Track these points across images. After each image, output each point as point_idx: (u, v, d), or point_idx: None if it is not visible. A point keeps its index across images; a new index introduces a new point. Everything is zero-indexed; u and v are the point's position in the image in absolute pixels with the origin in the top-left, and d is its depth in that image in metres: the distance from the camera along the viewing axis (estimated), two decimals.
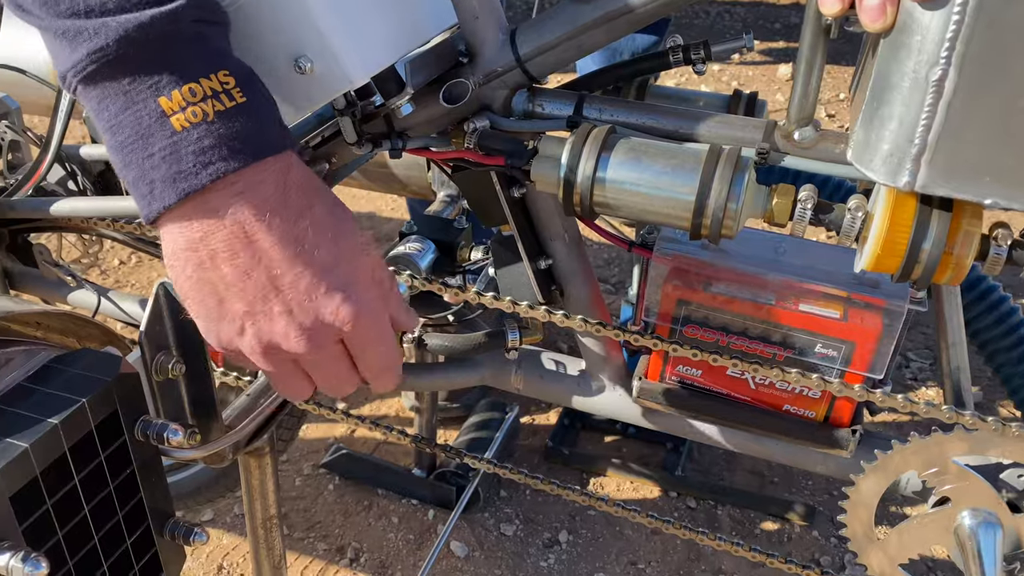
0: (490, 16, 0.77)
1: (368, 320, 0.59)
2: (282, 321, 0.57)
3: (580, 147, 0.71)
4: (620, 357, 0.93)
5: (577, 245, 0.88)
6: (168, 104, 0.53)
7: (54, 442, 0.55)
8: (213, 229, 0.56)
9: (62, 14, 0.52)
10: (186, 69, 0.53)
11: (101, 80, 0.53)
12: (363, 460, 1.46)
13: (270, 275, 0.57)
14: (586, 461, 1.50)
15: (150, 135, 0.53)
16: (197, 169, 0.54)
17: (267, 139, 0.56)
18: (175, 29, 0.53)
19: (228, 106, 0.54)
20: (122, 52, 0.52)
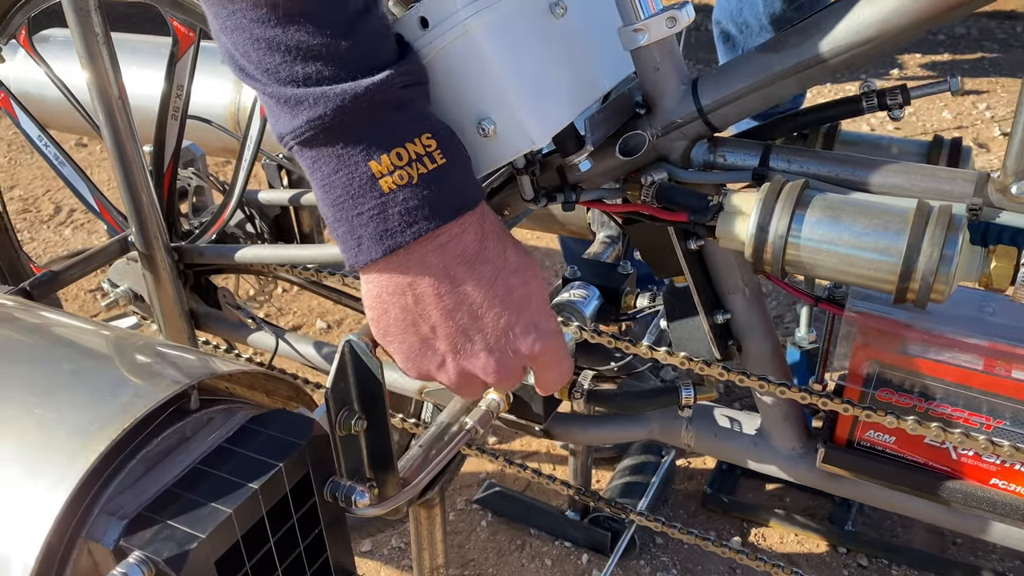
0: (671, 67, 0.75)
1: (554, 348, 0.65)
2: (482, 356, 0.63)
3: (772, 203, 0.68)
4: (801, 417, 0.88)
5: (757, 299, 0.84)
6: (377, 167, 0.56)
7: (254, 507, 0.57)
8: (419, 277, 0.60)
9: (283, 81, 0.55)
10: (394, 134, 0.57)
11: (317, 144, 0.57)
12: (516, 499, 1.45)
13: (472, 315, 0.61)
14: (746, 510, 1.43)
15: (360, 196, 0.57)
16: (402, 228, 0.57)
17: (464, 196, 0.59)
18: (385, 97, 0.56)
19: (430, 168, 0.57)
20: (338, 120, 0.55)
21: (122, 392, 0.59)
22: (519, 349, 0.63)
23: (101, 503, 0.56)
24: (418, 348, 0.64)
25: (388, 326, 0.63)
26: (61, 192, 2.80)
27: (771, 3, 1.51)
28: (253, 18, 0.54)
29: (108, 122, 0.93)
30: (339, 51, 0.55)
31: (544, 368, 0.66)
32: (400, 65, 0.57)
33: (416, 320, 0.62)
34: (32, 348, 0.66)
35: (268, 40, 0.54)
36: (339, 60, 0.55)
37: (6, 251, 1.35)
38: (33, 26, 1.16)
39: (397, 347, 0.65)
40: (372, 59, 0.56)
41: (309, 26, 0.54)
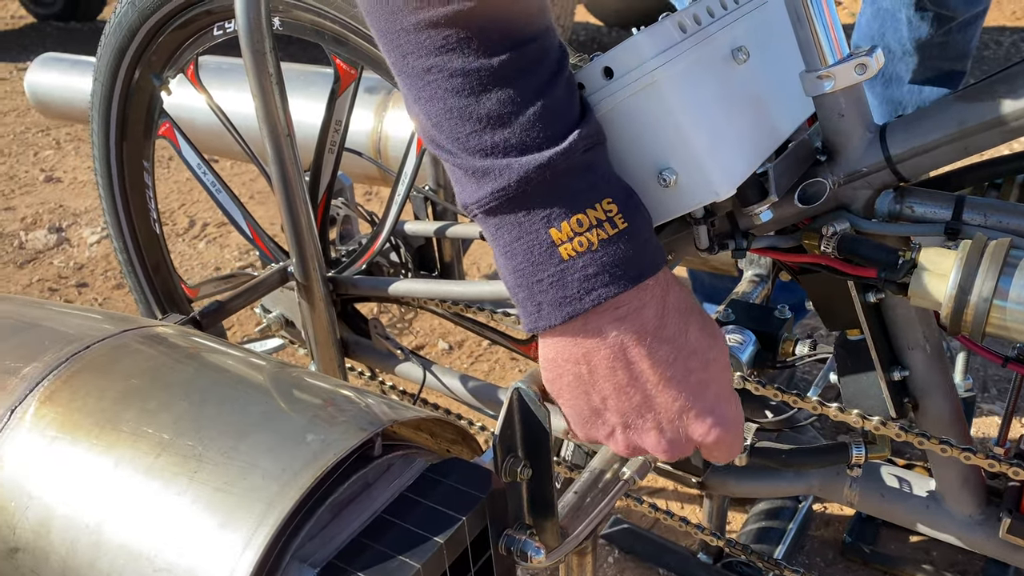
0: (856, 113, 0.72)
1: (730, 436, 0.63)
2: (652, 435, 0.62)
3: (975, 263, 0.64)
4: (981, 482, 0.83)
5: (939, 357, 0.79)
6: (557, 235, 0.56)
7: (439, 561, 0.57)
8: (595, 348, 0.59)
9: (472, 151, 0.56)
10: (575, 201, 0.56)
11: (500, 212, 0.57)
12: (645, 537, 1.42)
13: (645, 395, 0.60)
14: (889, 562, 1.36)
15: (540, 263, 0.57)
16: (581, 295, 0.57)
17: (645, 262, 0.58)
18: (568, 164, 0.56)
19: (611, 234, 0.56)
20: (522, 190, 0.55)
21: (311, 438, 0.60)
22: (692, 434, 0.61)
23: (292, 549, 0.57)
24: (588, 415, 0.63)
25: (561, 389, 0.63)
26: (195, 206, 2.93)
27: (917, 27, 1.44)
28: (448, 88, 0.54)
29: (276, 157, 0.96)
30: (529, 119, 0.55)
31: (714, 449, 0.64)
32: (582, 128, 0.57)
33: (588, 390, 0.61)
34: (220, 387, 0.68)
35: (461, 109, 0.55)
36: (528, 128, 0.55)
37: (164, 278, 1.42)
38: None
39: (568, 412, 0.65)
40: (558, 125, 0.56)
41: (501, 94, 0.54)
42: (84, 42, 5.32)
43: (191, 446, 0.61)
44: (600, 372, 0.60)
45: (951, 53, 1.47)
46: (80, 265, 2.58)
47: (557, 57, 0.57)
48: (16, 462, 0.67)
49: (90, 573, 0.60)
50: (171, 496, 0.59)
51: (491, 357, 2.02)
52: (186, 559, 0.56)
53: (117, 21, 1.18)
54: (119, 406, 0.66)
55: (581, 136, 0.56)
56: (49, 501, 0.63)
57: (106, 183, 1.35)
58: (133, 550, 0.58)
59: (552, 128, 0.55)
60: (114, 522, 0.60)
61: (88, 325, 0.79)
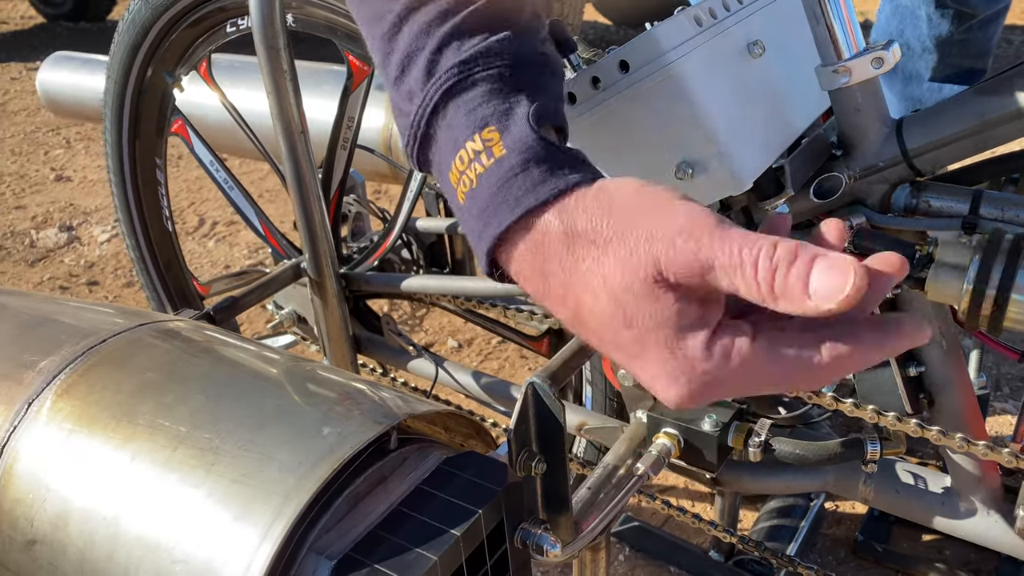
0: (873, 108, 0.72)
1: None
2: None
3: (992, 257, 0.64)
4: (997, 478, 0.82)
5: (955, 352, 0.79)
6: (452, 178, 0.50)
7: (455, 554, 0.57)
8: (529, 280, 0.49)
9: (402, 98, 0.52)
10: (458, 135, 0.49)
11: (427, 167, 0.53)
12: (656, 535, 1.42)
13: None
14: (901, 561, 1.35)
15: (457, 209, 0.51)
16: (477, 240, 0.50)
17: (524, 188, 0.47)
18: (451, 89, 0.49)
19: (487, 166, 0.48)
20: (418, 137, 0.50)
21: (327, 431, 0.60)
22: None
23: (309, 541, 0.57)
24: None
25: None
26: (205, 204, 2.94)
27: (938, 24, 1.43)
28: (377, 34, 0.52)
29: (290, 154, 0.96)
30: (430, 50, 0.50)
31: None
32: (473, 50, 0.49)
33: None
34: (236, 381, 0.68)
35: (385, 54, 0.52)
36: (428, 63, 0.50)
37: (176, 275, 1.42)
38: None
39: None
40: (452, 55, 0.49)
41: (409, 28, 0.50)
42: (94, 42, 5.33)
43: (208, 439, 0.61)
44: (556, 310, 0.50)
45: (971, 51, 1.46)
46: (91, 263, 2.59)
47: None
48: (33, 455, 0.67)
49: (108, 565, 0.60)
50: (188, 488, 0.59)
51: (501, 355, 2.02)
52: (204, 551, 0.57)
53: (131, 18, 1.18)
54: (136, 399, 0.67)
55: (471, 58, 0.49)
56: (66, 494, 0.64)
57: (119, 180, 1.36)
58: (151, 542, 0.59)
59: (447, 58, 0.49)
60: (132, 514, 0.60)
61: (103, 320, 0.80)
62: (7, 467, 0.68)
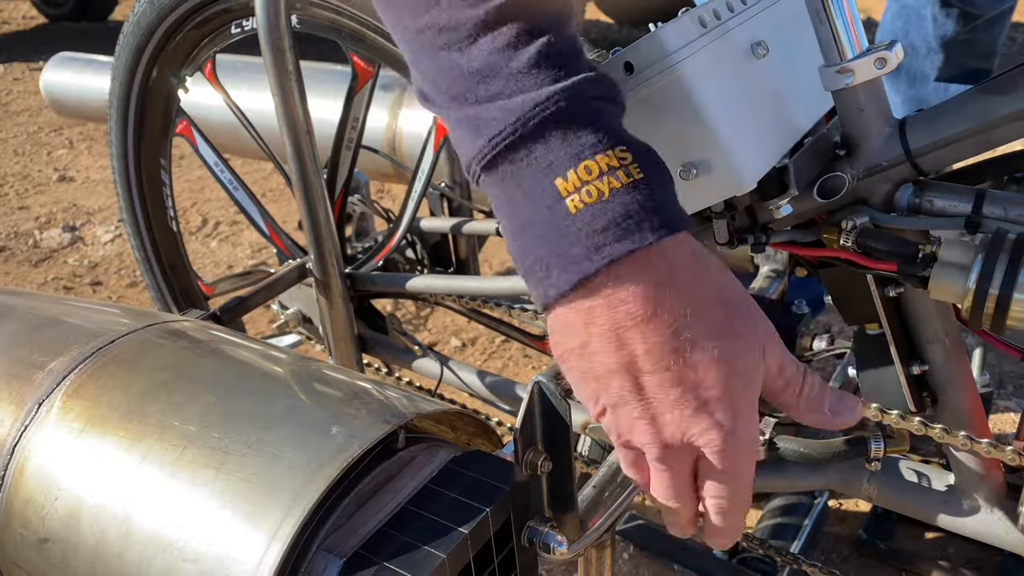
0: (875, 108, 0.72)
1: (732, 448, 0.52)
2: (641, 424, 0.53)
3: (996, 256, 0.64)
4: (1000, 476, 0.83)
5: (959, 351, 0.79)
6: (564, 185, 0.49)
7: (463, 551, 0.57)
8: (591, 323, 0.51)
9: (467, 103, 0.51)
10: (583, 146, 0.49)
11: (500, 164, 0.51)
12: (660, 533, 1.43)
13: (636, 383, 0.52)
14: (905, 559, 1.36)
15: (546, 219, 0.50)
16: (589, 253, 0.49)
17: (664, 217, 0.50)
18: (571, 105, 0.50)
19: (625, 183, 0.49)
20: (519, 133, 0.49)
21: (336, 430, 0.61)
22: (686, 432, 0.52)
23: (319, 539, 0.58)
24: (584, 395, 0.56)
25: (562, 358, 0.55)
26: (207, 205, 2.95)
27: (943, 24, 1.44)
28: (439, 45, 0.50)
29: (295, 154, 0.96)
30: (522, 65, 0.49)
31: (715, 475, 0.54)
32: (591, 75, 0.51)
33: (584, 368, 0.54)
34: (245, 381, 0.69)
35: (452, 65, 0.51)
36: (523, 73, 0.50)
37: (181, 276, 1.43)
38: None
39: (571, 379, 0.57)
40: (557, 72, 0.50)
41: (492, 42, 0.50)
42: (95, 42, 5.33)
43: (218, 438, 0.62)
44: (591, 348, 0.52)
45: (977, 51, 1.46)
46: (94, 263, 2.60)
47: (557, 8, 0.51)
48: (44, 455, 0.67)
49: (119, 564, 0.61)
50: (199, 488, 0.60)
51: (504, 354, 2.03)
52: (214, 549, 0.57)
53: (136, 20, 1.18)
54: (145, 399, 0.67)
55: (587, 79, 0.50)
56: (78, 492, 0.64)
57: (123, 181, 1.37)
58: (162, 540, 0.59)
59: (550, 72, 0.50)
60: (143, 513, 0.61)
61: (111, 320, 0.80)
62: (19, 466, 0.68)
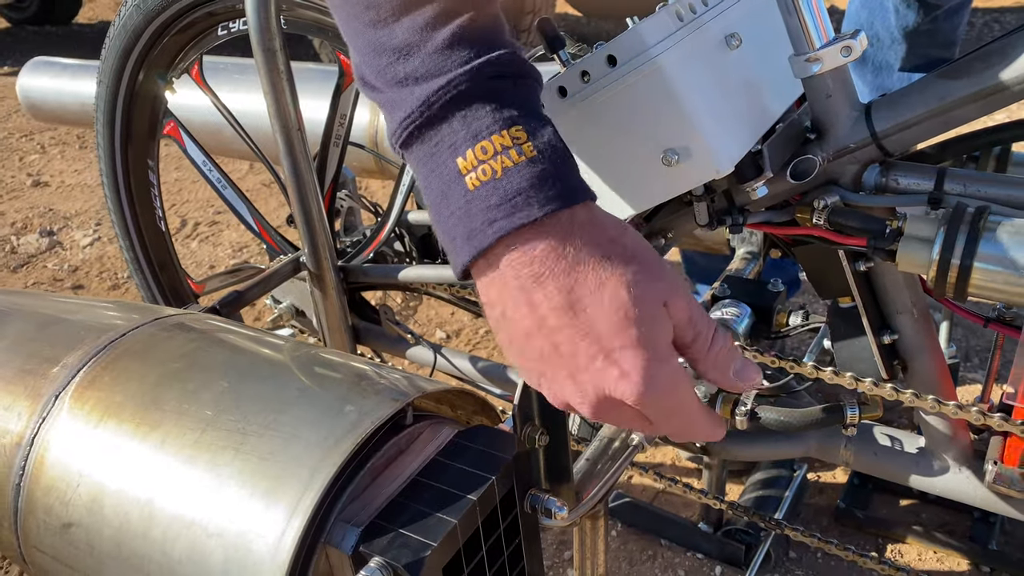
0: (843, 93, 0.77)
1: (653, 393, 0.54)
2: (568, 385, 0.55)
3: (956, 228, 0.69)
4: (967, 437, 0.88)
5: (926, 320, 0.84)
6: (463, 164, 0.52)
7: (472, 517, 0.61)
8: (502, 288, 0.54)
9: (389, 83, 0.54)
10: (479, 127, 0.52)
11: (413, 144, 0.54)
12: (647, 510, 1.47)
13: (551, 341, 0.54)
14: (882, 525, 1.42)
15: (451, 195, 0.53)
16: (483, 227, 0.52)
17: (552, 194, 0.52)
18: (471, 88, 0.53)
19: (516, 161, 0.52)
20: (425, 116, 0.53)
21: (348, 408, 0.65)
22: (601, 385, 0.54)
23: (336, 511, 0.61)
24: (515, 359, 0.58)
25: (495, 332, 0.58)
26: (186, 206, 2.95)
27: (904, 15, 1.49)
28: (366, 22, 0.54)
29: (287, 151, 0.99)
30: (436, 46, 0.53)
31: (653, 415, 0.56)
32: (492, 55, 0.53)
33: (508, 337, 0.56)
34: (256, 367, 0.72)
35: (377, 42, 0.54)
36: (435, 55, 0.53)
37: (171, 275, 1.45)
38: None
39: (507, 355, 0.59)
40: (465, 51, 0.53)
41: (411, 22, 0.53)
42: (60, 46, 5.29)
43: (234, 421, 0.65)
44: (508, 315, 0.55)
45: (939, 40, 1.51)
46: (74, 267, 2.60)
47: None
48: (63, 444, 0.70)
49: (144, 543, 0.64)
50: (219, 467, 0.63)
51: (488, 344, 2.07)
52: (237, 525, 0.61)
53: (122, 23, 1.21)
54: (160, 388, 0.70)
55: (487, 61, 0.53)
56: (99, 478, 0.67)
57: (111, 183, 1.38)
58: (185, 519, 0.62)
59: (463, 52, 0.53)
60: (165, 494, 0.64)
61: (117, 315, 0.83)
62: (39, 457, 0.71)
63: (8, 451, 0.73)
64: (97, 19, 6.10)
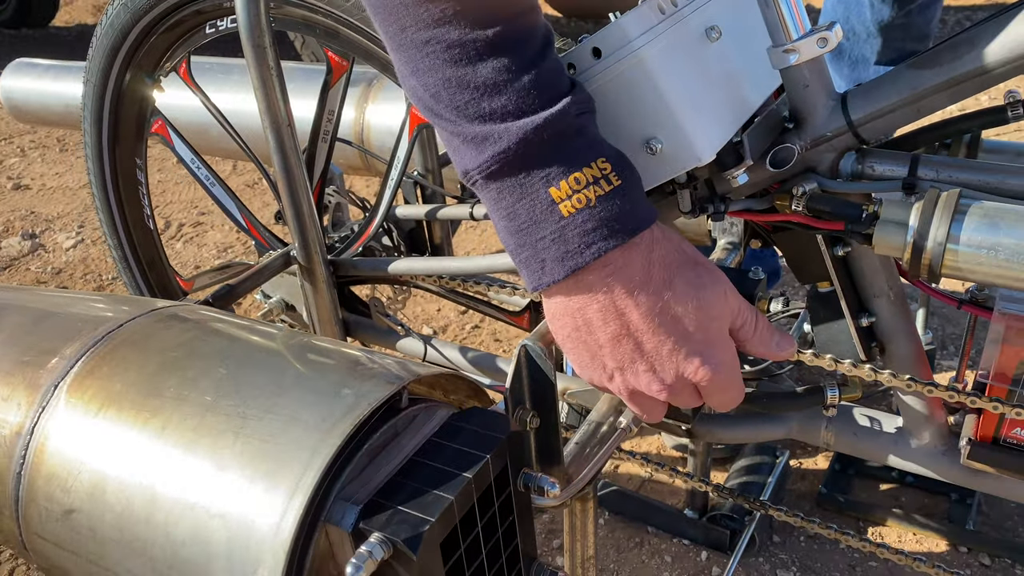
0: (819, 83, 0.79)
1: (722, 376, 0.67)
2: (647, 377, 0.67)
3: (930, 212, 0.72)
4: (943, 416, 0.91)
5: (901, 302, 0.87)
6: (557, 193, 0.61)
7: (468, 494, 0.63)
8: (589, 302, 0.65)
9: (471, 118, 0.60)
10: (572, 161, 0.61)
11: (501, 176, 0.62)
12: (634, 498, 1.50)
13: (636, 342, 0.66)
14: (863, 509, 1.45)
15: (542, 221, 0.62)
16: (581, 249, 0.61)
17: (640, 216, 0.63)
18: (563, 126, 0.60)
19: (606, 191, 0.61)
20: (521, 152, 0.60)
21: (344, 393, 0.66)
22: (682, 373, 0.66)
23: (335, 491, 0.63)
24: (588, 362, 0.69)
25: (564, 340, 0.69)
26: (169, 207, 2.95)
27: (879, 10, 1.53)
28: (446, 59, 0.59)
29: (278, 147, 1.01)
30: (523, 86, 0.59)
31: (712, 394, 0.69)
32: (574, 95, 0.62)
33: (587, 339, 0.67)
34: (253, 354, 0.74)
35: (458, 79, 0.59)
36: (523, 94, 0.59)
37: (159, 273, 1.46)
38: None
39: (572, 359, 0.70)
40: (551, 91, 0.61)
41: (496, 63, 0.59)
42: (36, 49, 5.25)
43: (234, 406, 0.67)
44: (595, 324, 0.65)
45: (913, 34, 1.55)
46: (58, 269, 2.59)
47: (544, 32, 0.63)
48: (64, 433, 0.72)
49: (147, 527, 0.65)
50: (220, 450, 0.65)
51: (474, 339, 2.08)
52: (239, 506, 0.62)
53: (109, 22, 1.22)
54: (160, 376, 0.72)
55: (573, 101, 0.61)
56: (100, 465, 0.69)
57: (99, 183, 1.39)
58: (188, 502, 0.64)
59: (545, 94, 0.60)
60: (167, 478, 0.65)
61: (112, 308, 0.84)
62: (39, 446, 0.72)
63: (8, 440, 0.74)
64: (75, 22, 6.07)
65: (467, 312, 2.18)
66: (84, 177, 3.29)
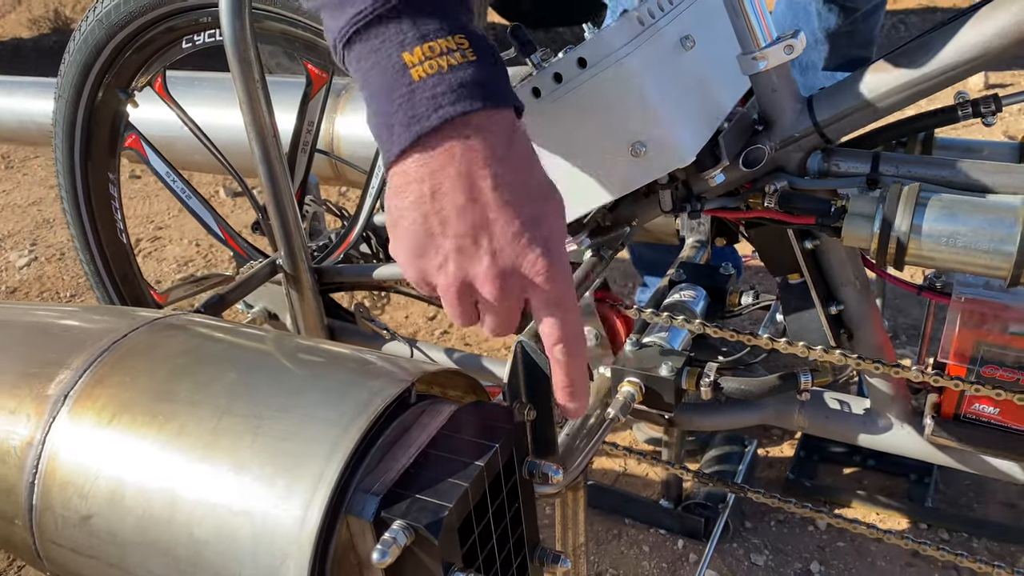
0: (786, 88, 0.85)
1: (560, 280, 0.63)
2: (485, 261, 0.62)
3: (894, 205, 0.77)
4: (908, 396, 0.97)
5: (867, 291, 0.93)
6: (410, 58, 0.58)
7: (480, 481, 0.67)
8: (442, 166, 0.60)
9: None
10: (428, 28, 0.59)
11: (358, 41, 0.60)
12: (610, 491, 1.54)
13: (484, 216, 0.61)
14: (828, 492, 1.52)
15: (393, 85, 0.59)
16: (428, 113, 0.58)
17: (494, 92, 0.60)
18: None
19: (460, 62, 0.59)
20: (378, 12, 0.58)
21: (357, 391, 0.69)
22: (521, 260, 0.61)
23: (354, 484, 0.66)
24: (423, 242, 0.63)
25: (401, 216, 0.63)
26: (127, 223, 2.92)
27: (826, 18, 1.61)
28: None
29: (263, 157, 1.03)
30: None
31: (544, 305, 0.64)
32: None
33: (428, 213, 0.61)
34: (262, 357, 0.76)
35: None
36: None
37: (132, 286, 1.46)
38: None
39: (404, 241, 0.64)
40: None
41: None
42: None
43: (249, 407, 0.69)
44: (442, 190, 0.60)
45: (858, 40, 1.64)
46: (12, 288, 2.55)
47: None
48: (77, 440, 0.73)
49: (168, 528, 0.67)
50: (239, 450, 0.67)
51: (446, 343, 2.11)
52: (262, 502, 0.65)
53: (83, 38, 1.22)
54: (171, 382, 0.74)
55: None
56: (117, 470, 0.70)
57: (71, 198, 1.39)
58: (209, 502, 0.66)
59: None
60: (187, 480, 0.67)
61: (112, 319, 0.86)
62: (52, 455, 0.74)
63: (19, 452, 0.75)
64: (8, 36, 5.93)
65: (436, 318, 2.21)
66: (33, 194, 3.24)
